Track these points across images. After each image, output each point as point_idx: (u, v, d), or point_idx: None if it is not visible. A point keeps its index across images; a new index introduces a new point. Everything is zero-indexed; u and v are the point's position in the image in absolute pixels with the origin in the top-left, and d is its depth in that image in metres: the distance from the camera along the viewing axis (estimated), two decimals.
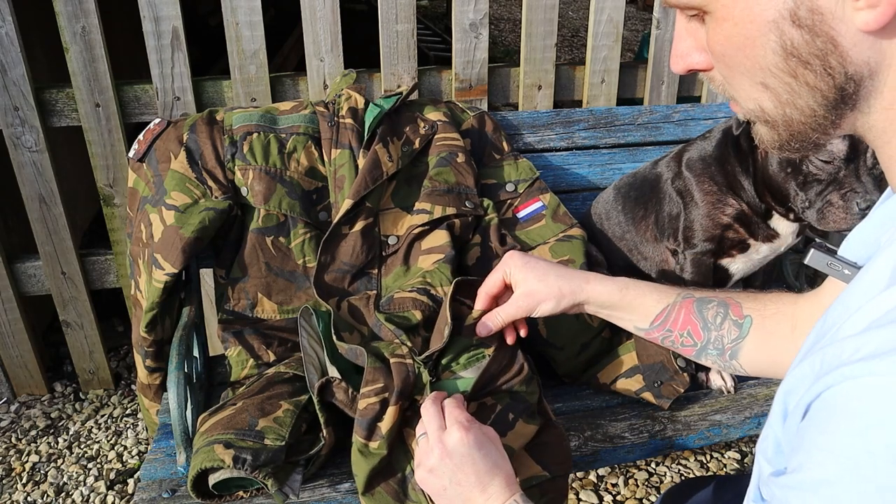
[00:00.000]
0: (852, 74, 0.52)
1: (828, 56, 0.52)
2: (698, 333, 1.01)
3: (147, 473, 1.16)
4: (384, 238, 1.40)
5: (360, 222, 1.36)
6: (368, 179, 1.35)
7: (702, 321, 1.01)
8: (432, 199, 1.40)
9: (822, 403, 0.45)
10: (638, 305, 1.04)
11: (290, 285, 1.37)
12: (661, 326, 1.04)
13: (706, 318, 1.01)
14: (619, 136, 1.69)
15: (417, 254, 1.39)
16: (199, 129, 1.38)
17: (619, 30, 1.91)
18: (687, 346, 1.03)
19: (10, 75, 1.71)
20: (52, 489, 1.84)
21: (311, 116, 1.43)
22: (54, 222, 1.88)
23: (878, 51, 0.51)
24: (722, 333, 1.00)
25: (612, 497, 1.82)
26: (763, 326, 0.97)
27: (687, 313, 1.03)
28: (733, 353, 0.99)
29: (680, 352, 1.05)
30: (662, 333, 1.04)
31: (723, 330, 1.00)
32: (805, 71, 0.53)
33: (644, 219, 1.49)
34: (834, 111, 0.55)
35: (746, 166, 1.35)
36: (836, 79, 0.52)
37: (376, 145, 1.38)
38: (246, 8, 1.72)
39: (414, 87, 1.49)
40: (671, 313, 1.03)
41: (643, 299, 1.04)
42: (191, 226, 1.29)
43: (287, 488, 1.04)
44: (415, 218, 1.40)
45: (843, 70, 0.52)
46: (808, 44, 0.52)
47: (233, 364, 1.33)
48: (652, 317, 1.04)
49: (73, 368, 2.15)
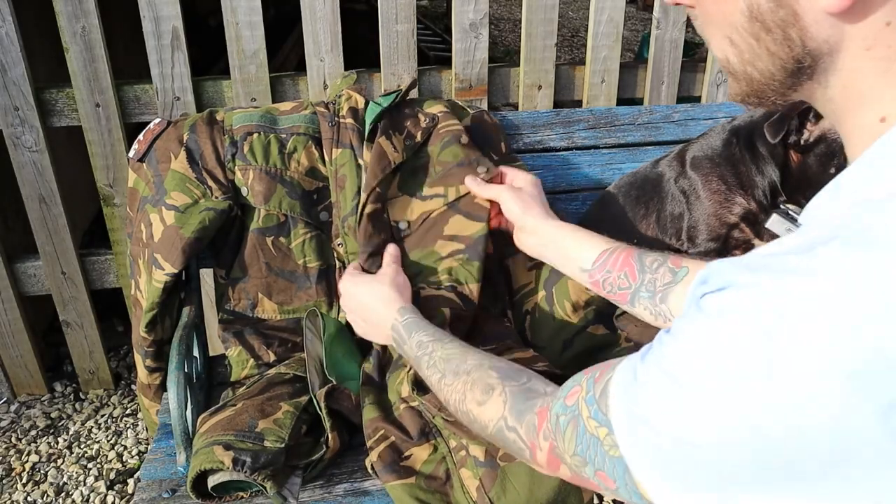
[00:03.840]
0: (811, 49, 0.54)
1: (788, 28, 0.53)
2: (634, 275, 1.09)
3: (147, 473, 1.16)
4: (394, 223, 1.39)
5: (369, 206, 1.34)
6: (377, 170, 1.34)
7: (639, 264, 1.09)
8: (445, 181, 1.37)
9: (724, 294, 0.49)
10: (582, 244, 1.16)
11: (290, 285, 1.37)
12: (601, 267, 1.13)
13: (644, 262, 1.09)
14: (619, 136, 1.69)
15: (436, 237, 1.36)
16: (200, 129, 1.38)
17: (619, 30, 1.91)
18: (623, 288, 1.10)
19: (10, 75, 1.71)
20: (52, 489, 1.84)
21: (312, 117, 1.43)
22: (54, 222, 1.88)
23: (838, 31, 0.52)
24: (656, 277, 1.07)
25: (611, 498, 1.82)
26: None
27: (626, 257, 1.11)
28: (663, 297, 1.05)
29: (616, 299, 1.12)
30: (602, 275, 1.13)
31: (657, 274, 1.07)
32: (767, 36, 0.55)
33: (645, 217, 1.49)
34: (791, 78, 0.56)
35: (761, 166, 1.34)
36: (795, 50, 0.54)
37: (379, 138, 1.37)
38: (246, 8, 1.72)
39: (412, 84, 1.49)
40: (612, 255, 1.12)
41: (589, 241, 1.16)
42: (191, 226, 1.29)
43: (286, 491, 1.04)
44: (429, 203, 1.38)
45: (801, 43, 0.54)
46: (773, 12, 0.53)
47: (233, 364, 1.33)
48: (594, 257, 1.13)
49: (73, 368, 2.15)
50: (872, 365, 0.41)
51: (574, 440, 0.66)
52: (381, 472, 1.06)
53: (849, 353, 0.42)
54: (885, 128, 0.51)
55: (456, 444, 1.09)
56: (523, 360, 1.20)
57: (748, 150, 1.36)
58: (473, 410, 0.87)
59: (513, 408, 0.81)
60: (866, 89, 0.53)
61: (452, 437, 1.10)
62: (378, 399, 1.18)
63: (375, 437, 1.10)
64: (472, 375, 0.90)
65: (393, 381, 1.21)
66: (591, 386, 0.65)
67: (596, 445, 0.62)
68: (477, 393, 0.87)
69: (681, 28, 1.96)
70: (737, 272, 0.48)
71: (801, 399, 0.43)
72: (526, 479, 1.03)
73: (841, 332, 0.42)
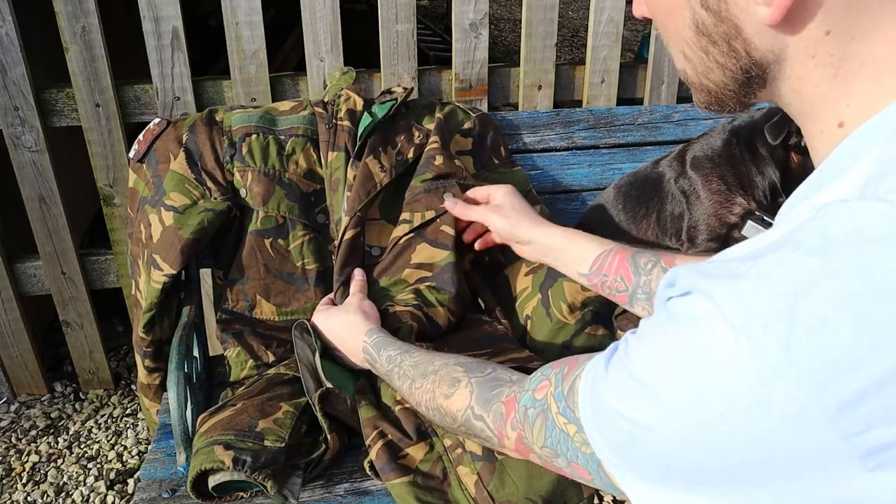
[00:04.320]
0: (757, 59, 0.55)
1: (732, 40, 0.55)
2: (629, 278, 1.11)
3: (147, 473, 1.16)
4: (368, 248, 1.39)
5: (349, 231, 1.35)
6: (362, 193, 1.34)
7: (634, 266, 1.12)
8: (411, 206, 1.37)
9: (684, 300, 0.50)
10: (577, 250, 1.18)
11: (288, 287, 1.37)
12: (598, 272, 1.15)
13: (638, 263, 1.11)
14: (619, 136, 1.69)
15: (404, 266, 1.37)
16: (199, 129, 1.38)
17: (619, 30, 1.91)
18: (620, 291, 1.13)
19: (10, 75, 1.71)
20: (52, 489, 1.85)
21: (310, 118, 1.42)
22: (54, 222, 1.88)
23: (780, 41, 0.53)
24: (650, 278, 1.09)
25: (612, 497, 1.83)
26: None
27: (621, 259, 1.14)
28: None
29: (616, 300, 1.15)
30: (600, 278, 1.15)
31: (651, 275, 1.10)
32: (714, 49, 0.57)
33: (645, 217, 1.49)
34: (744, 88, 0.58)
35: (762, 167, 1.34)
36: (741, 61, 0.56)
37: (367, 158, 1.37)
38: (246, 8, 1.72)
39: (409, 93, 1.47)
40: (606, 258, 1.15)
41: (584, 245, 1.18)
42: (189, 227, 1.28)
43: (287, 491, 1.04)
44: (397, 229, 1.39)
45: (746, 54, 0.55)
46: (715, 26, 0.55)
47: (232, 364, 1.33)
48: (590, 261, 1.16)
49: (73, 368, 2.15)
50: (820, 367, 0.42)
51: (543, 433, 0.68)
52: (381, 469, 1.07)
53: (796, 356, 0.42)
54: (843, 133, 0.52)
55: (451, 442, 1.09)
56: (519, 359, 1.20)
57: (748, 150, 1.36)
58: (442, 404, 0.90)
59: (479, 397, 0.84)
60: (819, 96, 0.54)
61: (448, 436, 1.11)
62: (373, 401, 1.19)
63: (373, 436, 1.10)
64: (438, 374, 0.94)
65: (386, 387, 1.21)
66: (560, 381, 0.67)
67: (566, 441, 0.64)
68: (444, 387, 0.90)
69: None
70: (697, 277, 0.49)
71: (753, 403, 0.44)
72: (524, 472, 1.03)
73: (790, 336, 0.43)
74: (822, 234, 0.44)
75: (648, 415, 0.50)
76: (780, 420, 0.43)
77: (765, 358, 0.43)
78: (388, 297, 1.35)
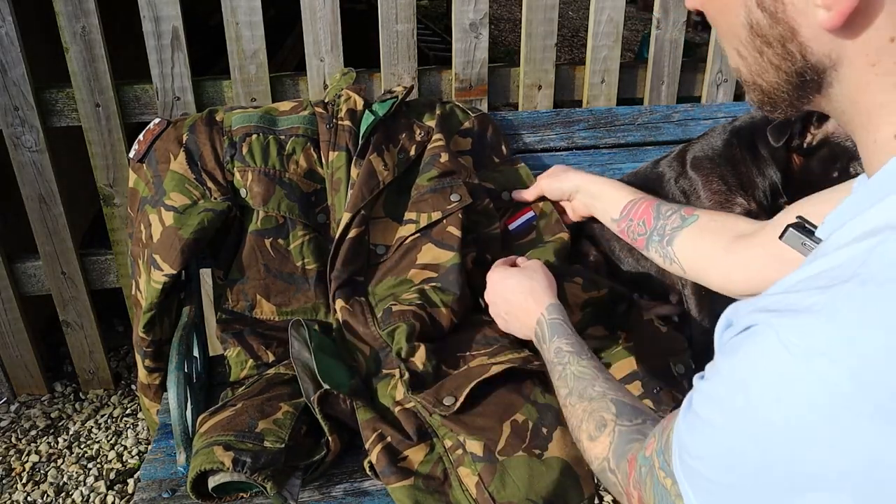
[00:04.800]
0: (813, 64, 0.53)
1: (787, 42, 0.54)
2: (650, 222, 1.22)
3: (147, 473, 1.16)
4: (373, 247, 1.39)
5: (353, 230, 1.35)
6: (365, 191, 1.34)
7: (656, 213, 1.23)
8: (418, 206, 1.38)
9: (746, 335, 0.50)
10: (612, 197, 1.32)
11: (288, 287, 1.37)
12: (625, 217, 1.27)
13: (661, 211, 1.22)
14: (619, 136, 1.69)
15: (409, 266, 1.37)
16: (199, 129, 1.38)
17: (619, 30, 1.91)
18: (640, 234, 1.24)
19: (10, 75, 1.71)
20: (52, 489, 1.84)
21: (311, 118, 1.42)
22: (54, 222, 1.88)
23: (839, 46, 0.51)
24: (667, 223, 1.19)
25: (612, 497, 1.82)
26: (704, 227, 1.15)
27: (647, 206, 1.25)
28: (670, 240, 1.18)
29: (636, 244, 1.26)
30: (626, 223, 1.27)
31: (669, 220, 1.20)
32: (768, 50, 0.55)
33: None
34: (798, 91, 0.57)
35: (762, 168, 1.34)
36: (796, 64, 0.54)
37: (370, 155, 1.37)
38: (246, 8, 1.72)
39: (409, 91, 1.47)
40: (635, 205, 1.27)
41: (617, 193, 1.32)
42: (189, 227, 1.28)
43: (286, 492, 1.04)
44: (403, 229, 1.39)
45: (802, 58, 0.54)
46: (771, 27, 0.54)
47: (232, 364, 1.33)
48: (621, 207, 1.29)
49: (73, 368, 2.14)
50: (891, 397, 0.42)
51: (652, 490, 0.68)
52: (382, 472, 1.07)
53: (870, 393, 0.42)
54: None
55: (452, 443, 1.09)
56: (518, 359, 1.20)
57: (749, 151, 1.36)
58: (584, 442, 0.90)
59: (616, 450, 0.82)
60: (877, 105, 0.52)
61: (448, 437, 1.10)
62: (369, 403, 1.19)
63: (372, 438, 1.10)
64: (592, 404, 0.91)
65: (384, 388, 1.21)
66: (661, 438, 0.67)
67: (667, 496, 0.64)
68: (591, 427, 0.89)
69: (681, 28, 1.95)
70: (756, 313, 0.49)
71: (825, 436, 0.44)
72: (525, 473, 1.03)
73: (862, 372, 0.43)
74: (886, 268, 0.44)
75: (715, 451, 0.51)
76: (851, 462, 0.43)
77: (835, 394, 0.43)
78: (393, 297, 1.35)
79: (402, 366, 1.21)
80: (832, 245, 0.51)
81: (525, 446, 1.07)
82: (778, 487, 0.47)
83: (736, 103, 1.84)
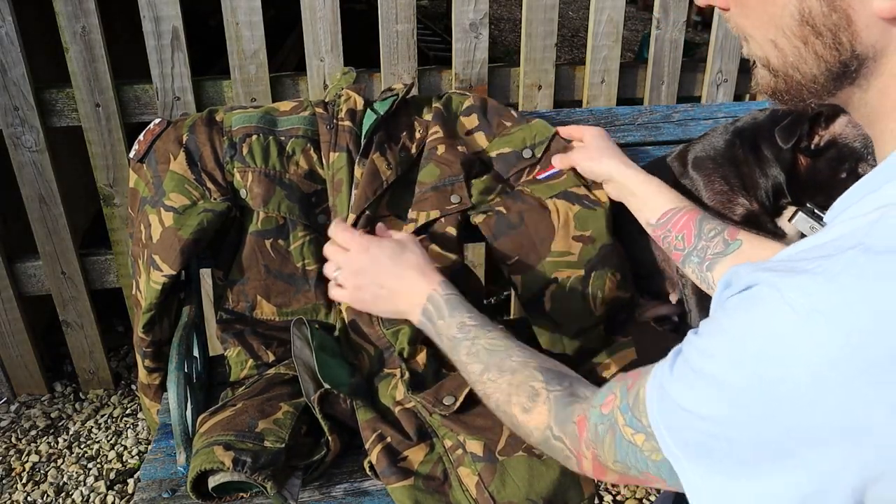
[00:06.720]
0: (858, 53, 0.54)
1: (840, 31, 0.54)
2: (690, 239, 1.14)
3: (147, 473, 1.16)
4: None
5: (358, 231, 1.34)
6: (369, 192, 1.34)
7: (697, 229, 1.13)
8: (418, 205, 1.37)
9: (748, 293, 0.51)
10: (651, 199, 1.21)
11: (289, 288, 1.37)
12: (664, 225, 1.18)
13: (703, 228, 1.13)
14: (619, 136, 1.68)
15: None
16: (199, 129, 1.38)
17: (619, 30, 1.91)
18: (678, 249, 1.16)
19: (10, 75, 1.71)
20: (52, 489, 1.85)
21: (311, 119, 1.42)
22: (54, 222, 1.88)
23: (887, 35, 0.52)
24: (709, 245, 1.11)
25: (612, 497, 1.82)
26: (747, 254, 1.08)
27: (688, 220, 1.15)
28: (710, 266, 1.11)
29: (672, 256, 1.18)
30: (663, 232, 1.18)
31: (711, 242, 1.11)
32: (816, 40, 0.55)
33: None
34: (834, 82, 0.57)
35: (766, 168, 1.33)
36: (843, 54, 0.55)
37: (373, 155, 1.36)
38: (246, 8, 1.72)
39: (409, 88, 1.47)
40: (675, 215, 1.17)
41: (658, 196, 1.20)
42: (189, 227, 1.28)
43: (286, 492, 1.04)
44: (407, 227, 1.38)
45: (850, 47, 0.54)
46: (825, 16, 0.53)
47: (232, 364, 1.33)
48: (660, 213, 1.19)
49: (73, 368, 2.15)
50: (886, 364, 0.43)
51: (614, 448, 0.68)
52: (382, 473, 1.07)
53: (863, 352, 0.44)
54: None
55: (452, 443, 1.09)
56: None
57: (752, 152, 1.35)
58: (518, 416, 0.86)
59: (557, 416, 0.80)
60: None
61: (448, 437, 1.10)
62: (370, 403, 1.19)
63: (372, 438, 1.10)
64: (516, 376, 0.88)
65: (385, 388, 1.21)
66: (625, 394, 0.67)
67: (635, 452, 0.64)
68: (522, 398, 0.85)
69: (681, 28, 1.96)
70: (759, 273, 0.50)
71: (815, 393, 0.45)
72: (525, 473, 1.03)
73: (857, 332, 0.44)
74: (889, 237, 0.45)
75: (716, 406, 0.51)
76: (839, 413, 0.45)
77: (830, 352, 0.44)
78: None
79: (403, 365, 1.20)
80: (837, 223, 0.52)
81: (525, 446, 1.07)
82: (776, 443, 0.48)
83: (736, 103, 1.84)
